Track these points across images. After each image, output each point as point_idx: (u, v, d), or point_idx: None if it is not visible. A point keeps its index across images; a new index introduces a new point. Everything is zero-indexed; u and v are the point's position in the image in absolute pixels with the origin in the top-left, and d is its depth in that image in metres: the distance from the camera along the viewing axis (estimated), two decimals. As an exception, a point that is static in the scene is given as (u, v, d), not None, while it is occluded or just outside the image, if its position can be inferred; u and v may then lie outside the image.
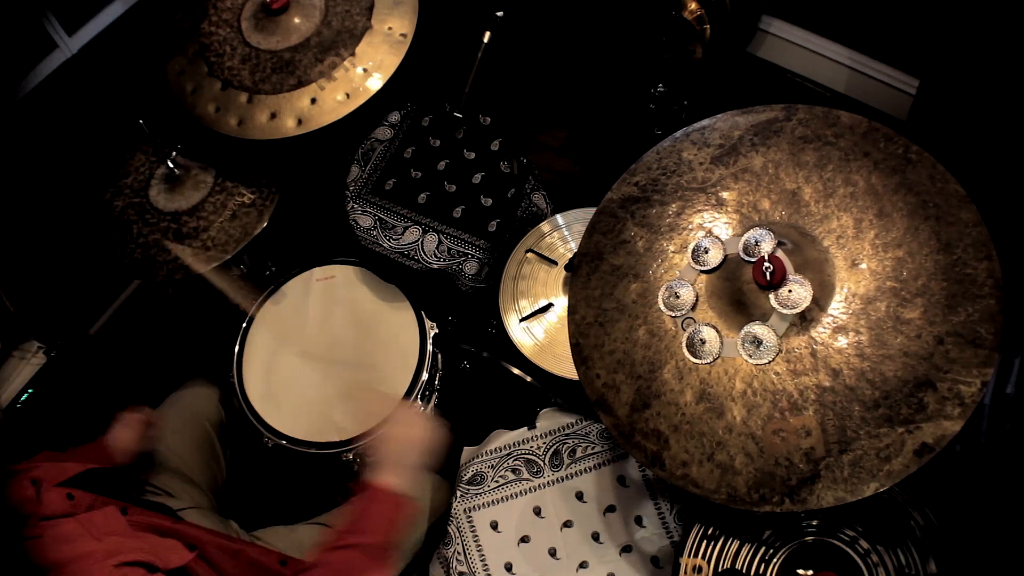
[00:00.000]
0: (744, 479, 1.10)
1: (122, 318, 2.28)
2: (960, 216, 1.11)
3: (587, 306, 1.29)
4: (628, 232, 1.31)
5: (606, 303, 1.28)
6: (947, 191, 1.14)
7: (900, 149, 1.19)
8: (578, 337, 1.28)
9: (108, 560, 1.11)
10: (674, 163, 1.32)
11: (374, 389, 1.70)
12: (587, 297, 1.30)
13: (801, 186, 1.22)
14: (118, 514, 1.26)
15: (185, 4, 1.78)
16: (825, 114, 1.25)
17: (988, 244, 1.09)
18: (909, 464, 1.02)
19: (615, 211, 1.33)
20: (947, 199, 1.13)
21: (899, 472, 1.02)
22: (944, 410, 1.03)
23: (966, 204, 1.12)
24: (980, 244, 1.09)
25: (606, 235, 1.32)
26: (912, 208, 1.14)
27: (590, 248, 1.33)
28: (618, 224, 1.32)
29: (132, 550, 1.16)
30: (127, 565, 1.12)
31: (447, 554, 1.54)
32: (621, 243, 1.30)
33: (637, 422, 1.18)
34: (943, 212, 1.13)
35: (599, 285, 1.29)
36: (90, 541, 1.15)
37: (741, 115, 1.30)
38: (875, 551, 1.22)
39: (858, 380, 1.08)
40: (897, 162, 1.18)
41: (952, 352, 1.05)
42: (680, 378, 1.18)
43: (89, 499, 1.27)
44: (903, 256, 1.12)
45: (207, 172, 1.80)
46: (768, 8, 2.17)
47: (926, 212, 1.13)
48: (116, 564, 1.11)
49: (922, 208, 1.14)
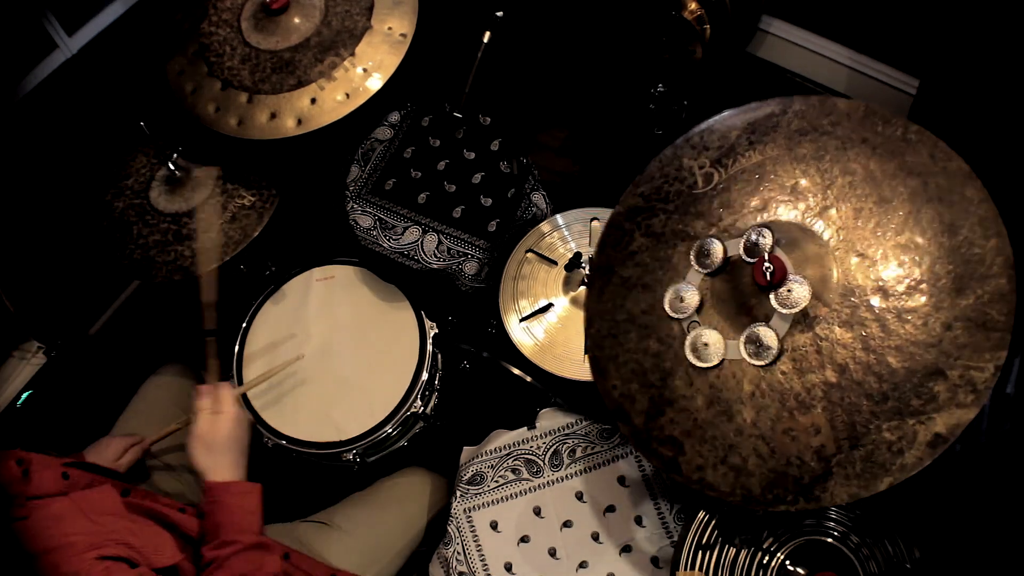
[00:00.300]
0: (758, 480, 1.10)
1: (122, 318, 2.28)
2: (965, 194, 1.08)
3: (602, 319, 1.31)
4: (636, 243, 1.32)
5: (618, 315, 1.29)
6: (950, 169, 1.10)
7: (898, 131, 1.16)
8: (595, 350, 1.30)
9: (88, 552, 1.07)
10: (675, 170, 1.32)
11: (374, 389, 1.71)
12: (601, 311, 1.31)
13: (799, 180, 1.22)
14: (116, 495, 1.22)
15: (185, 4, 1.78)
16: (821, 103, 1.23)
17: (996, 219, 1.04)
18: (923, 456, 1.00)
19: (622, 223, 1.34)
20: (950, 177, 1.10)
21: (913, 465, 1.00)
22: (956, 398, 1.00)
23: (971, 180, 1.08)
24: (987, 221, 1.05)
25: (615, 248, 1.34)
26: (913, 191, 1.12)
27: (602, 262, 1.35)
28: (625, 236, 1.33)
29: (117, 540, 1.12)
30: (108, 559, 1.08)
31: (447, 554, 1.54)
32: (630, 255, 1.32)
33: (653, 429, 1.20)
34: (945, 192, 1.09)
35: (611, 298, 1.31)
36: (81, 520, 1.11)
37: (737, 115, 1.30)
38: (865, 544, 1.22)
39: (865, 374, 1.07)
40: (896, 145, 1.15)
41: (961, 337, 1.02)
42: (690, 384, 1.19)
43: (87, 478, 1.23)
44: (905, 242, 1.10)
45: (208, 174, 1.80)
46: (768, 8, 2.17)
47: (927, 194, 1.10)
48: (96, 557, 1.07)
49: (923, 190, 1.11)
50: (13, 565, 1.05)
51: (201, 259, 1.66)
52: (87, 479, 1.24)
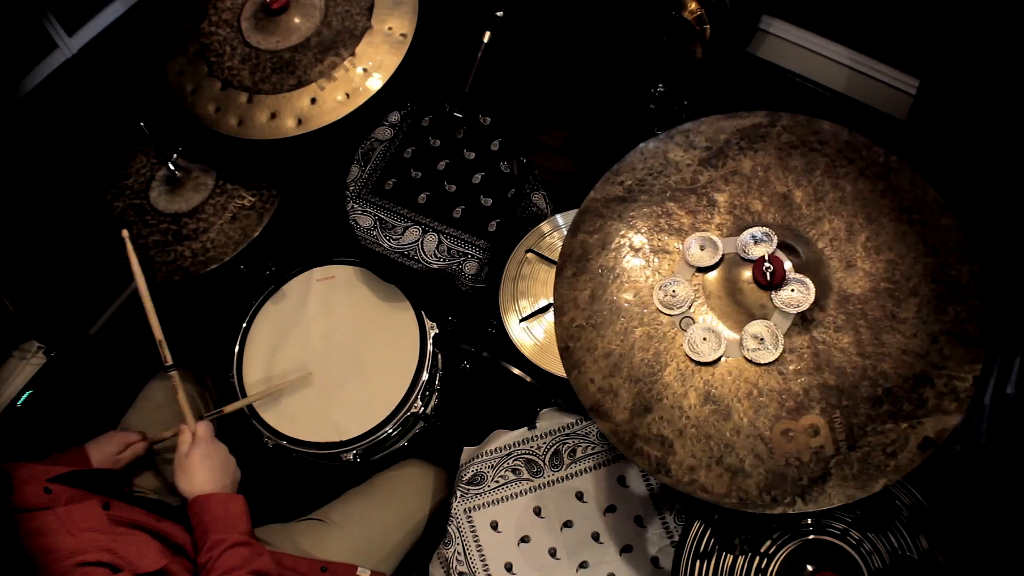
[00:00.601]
0: (755, 481, 1.09)
1: (122, 318, 2.28)
2: (941, 222, 1.16)
3: (576, 308, 1.25)
4: (616, 233, 1.29)
5: (597, 304, 1.25)
6: (926, 199, 1.18)
7: (880, 158, 1.22)
8: (567, 341, 1.24)
9: (69, 559, 1.09)
10: (660, 164, 1.31)
11: (374, 389, 1.71)
12: (575, 299, 1.26)
13: (792, 189, 1.24)
14: (98, 509, 1.24)
15: (185, 4, 1.78)
16: (808, 122, 1.27)
17: (966, 248, 1.13)
18: (914, 458, 1.04)
19: (600, 210, 1.32)
20: (927, 206, 1.17)
21: (905, 466, 1.04)
22: (942, 405, 1.06)
23: (944, 212, 1.16)
24: (961, 248, 1.13)
25: (591, 235, 1.30)
26: (898, 213, 1.18)
27: (575, 248, 1.30)
28: (605, 224, 1.30)
29: (99, 548, 1.14)
30: (89, 565, 1.10)
31: (447, 554, 1.54)
32: (609, 243, 1.29)
33: (639, 427, 1.16)
34: (926, 218, 1.17)
35: (588, 286, 1.26)
36: (63, 535, 1.13)
37: (725, 119, 1.31)
38: (867, 539, 1.22)
39: (861, 378, 1.10)
40: (880, 169, 1.21)
41: (946, 349, 1.09)
42: (683, 380, 1.17)
43: (69, 493, 1.24)
44: (894, 258, 1.15)
45: (208, 174, 1.80)
46: (768, 8, 2.17)
47: (911, 217, 1.17)
48: (77, 563, 1.09)
49: (907, 213, 1.18)
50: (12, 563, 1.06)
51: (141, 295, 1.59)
52: (68, 494, 1.24)
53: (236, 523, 1.34)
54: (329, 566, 1.50)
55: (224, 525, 1.32)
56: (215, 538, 1.28)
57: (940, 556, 1.20)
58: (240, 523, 1.35)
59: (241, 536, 1.32)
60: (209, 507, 1.34)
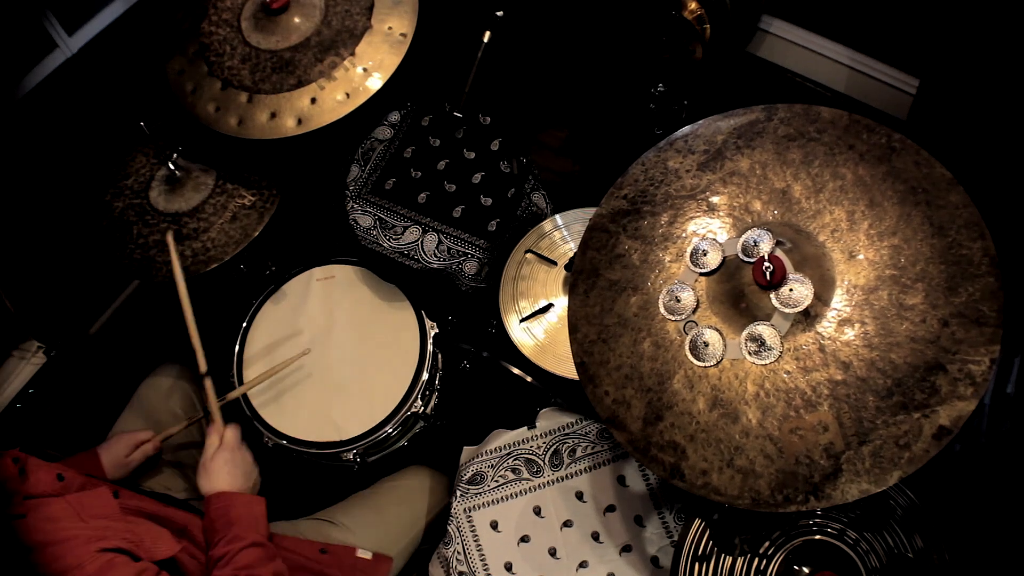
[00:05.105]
0: (767, 481, 1.09)
1: (122, 318, 2.28)
2: (949, 199, 1.12)
3: (588, 324, 1.28)
4: (622, 246, 1.30)
5: (607, 319, 1.27)
6: (933, 176, 1.14)
7: (883, 139, 1.20)
8: (582, 356, 1.27)
9: (91, 545, 1.10)
10: (661, 173, 1.32)
11: (374, 389, 1.71)
12: (587, 315, 1.29)
13: (790, 184, 1.23)
14: (109, 496, 1.25)
15: (185, 4, 1.78)
16: (806, 111, 1.25)
17: (980, 224, 1.09)
18: (929, 448, 1.02)
19: (607, 226, 1.33)
20: (934, 183, 1.14)
21: (920, 457, 1.02)
22: (957, 391, 1.03)
23: (954, 187, 1.13)
24: (972, 224, 1.10)
25: (600, 251, 1.32)
26: (902, 195, 1.15)
27: (585, 265, 1.32)
28: (611, 239, 1.32)
29: (117, 535, 1.15)
30: (110, 551, 1.11)
31: (447, 554, 1.54)
32: (616, 257, 1.30)
33: (652, 435, 1.18)
34: (932, 197, 1.13)
35: (598, 301, 1.29)
36: (76, 522, 1.14)
37: (722, 119, 1.31)
38: (864, 539, 1.22)
39: (869, 371, 1.08)
40: (882, 152, 1.19)
41: (958, 333, 1.06)
42: (691, 387, 1.17)
43: (80, 480, 1.26)
44: (899, 243, 1.13)
45: (208, 174, 1.80)
46: (768, 8, 2.17)
47: (916, 198, 1.14)
48: (99, 549, 1.10)
49: (912, 194, 1.15)
50: (11, 562, 1.06)
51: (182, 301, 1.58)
52: (81, 481, 1.25)
53: (258, 524, 1.37)
54: (328, 548, 1.51)
55: (247, 524, 1.35)
56: (237, 532, 1.31)
57: (935, 555, 1.20)
58: (261, 525, 1.38)
59: (261, 537, 1.34)
60: (234, 504, 1.37)
